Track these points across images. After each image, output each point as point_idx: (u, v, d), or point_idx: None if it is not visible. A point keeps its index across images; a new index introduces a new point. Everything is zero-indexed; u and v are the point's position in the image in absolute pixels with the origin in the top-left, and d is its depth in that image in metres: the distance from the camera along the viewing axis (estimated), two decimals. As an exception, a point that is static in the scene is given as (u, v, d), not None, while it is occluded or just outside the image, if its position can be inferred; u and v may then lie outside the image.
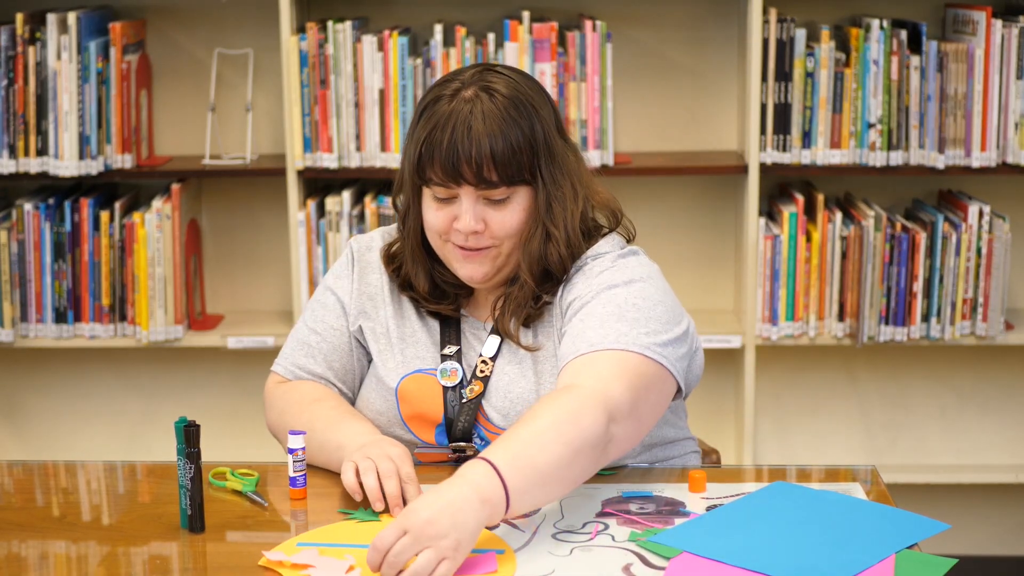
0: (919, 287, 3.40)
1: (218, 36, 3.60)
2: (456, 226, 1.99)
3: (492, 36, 3.36)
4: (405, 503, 1.84)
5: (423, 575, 1.62)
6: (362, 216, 3.44)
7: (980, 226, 3.38)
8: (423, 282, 2.08)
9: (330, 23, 3.37)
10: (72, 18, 3.33)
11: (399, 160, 2.17)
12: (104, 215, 3.45)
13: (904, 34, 3.32)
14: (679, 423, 2.17)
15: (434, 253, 2.08)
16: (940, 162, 3.35)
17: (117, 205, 3.47)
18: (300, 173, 3.43)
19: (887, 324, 3.41)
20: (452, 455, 2.05)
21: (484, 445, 2.03)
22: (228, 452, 3.34)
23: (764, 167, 3.39)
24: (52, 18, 3.34)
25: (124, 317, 3.48)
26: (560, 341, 2.01)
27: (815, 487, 1.93)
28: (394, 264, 2.12)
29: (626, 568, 1.70)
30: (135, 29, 3.50)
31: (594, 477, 1.92)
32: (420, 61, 3.38)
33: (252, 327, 3.59)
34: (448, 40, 3.39)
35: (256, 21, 3.58)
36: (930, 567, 1.68)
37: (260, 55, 3.56)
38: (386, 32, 3.36)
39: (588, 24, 3.34)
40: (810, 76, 3.35)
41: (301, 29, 3.39)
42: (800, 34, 3.34)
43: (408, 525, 1.64)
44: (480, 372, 2.05)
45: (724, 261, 3.66)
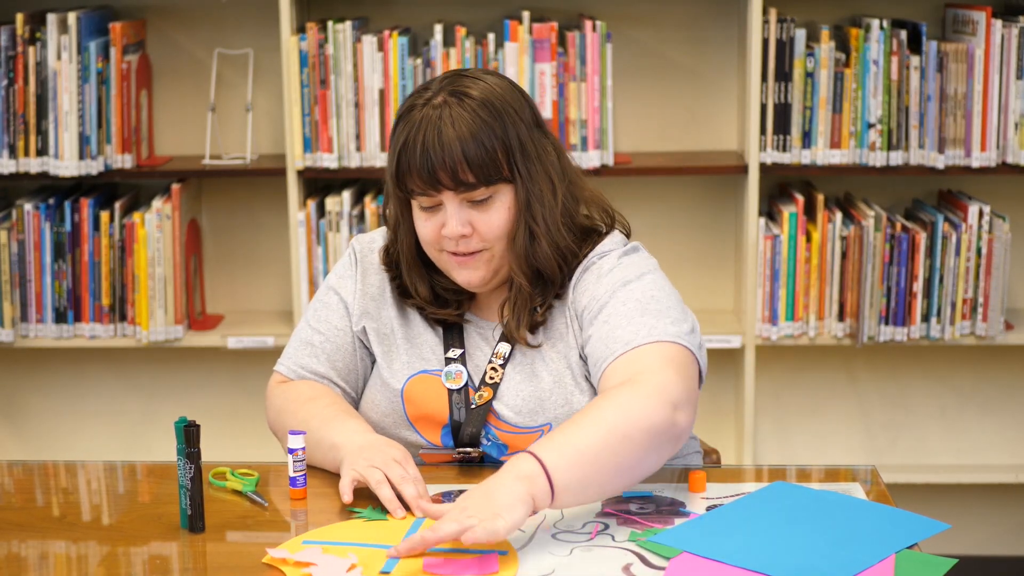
0: (919, 287, 3.40)
1: (218, 36, 3.60)
2: (443, 232, 2.00)
3: (492, 36, 3.36)
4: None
5: (467, 535, 1.66)
6: (362, 216, 3.44)
7: (980, 226, 3.37)
8: (424, 291, 2.09)
9: (330, 23, 3.37)
10: (72, 18, 3.33)
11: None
12: (104, 215, 3.45)
13: (904, 34, 3.32)
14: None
15: (431, 262, 2.08)
16: (940, 162, 3.35)
17: (117, 205, 3.47)
18: (300, 173, 3.43)
19: (887, 324, 3.41)
20: (457, 455, 2.06)
21: (492, 445, 2.04)
22: (228, 452, 3.34)
23: (764, 167, 3.39)
24: (52, 18, 3.34)
25: (124, 317, 3.48)
26: (581, 343, 2.02)
27: (815, 487, 1.93)
28: (393, 271, 2.13)
29: (626, 568, 1.70)
30: (135, 29, 3.50)
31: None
32: (420, 61, 3.38)
33: (252, 327, 3.59)
34: (448, 40, 3.39)
35: (256, 21, 3.58)
36: (930, 567, 1.68)
37: (260, 55, 3.56)
38: (386, 32, 3.36)
39: (588, 24, 3.34)
40: (810, 76, 3.35)
41: (301, 29, 3.39)
42: (800, 34, 3.34)
43: (450, 514, 1.70)
44: (490, 379, 2.06)
45: (724, 261, 3.66)
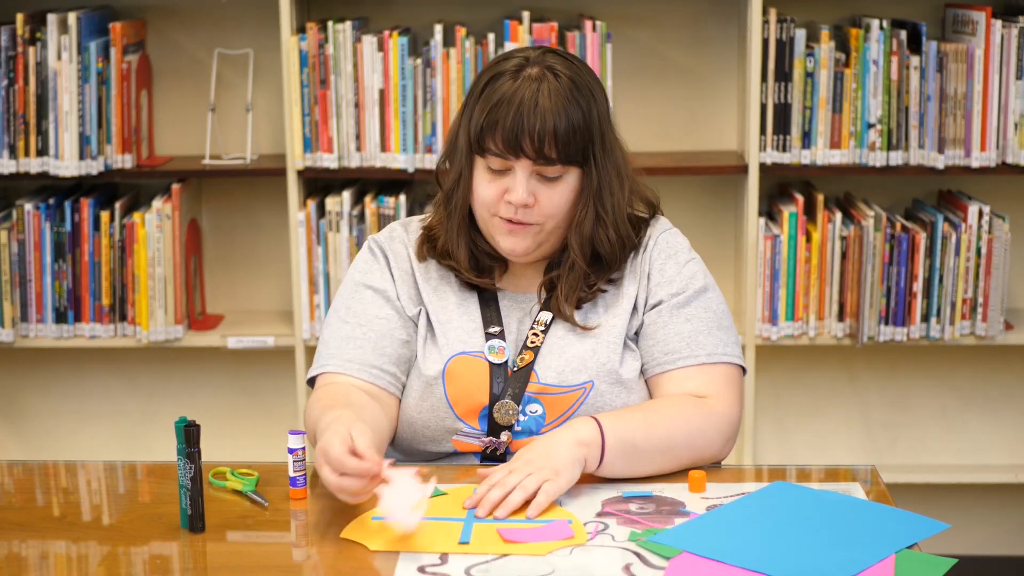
0: (919, 287, 3.40)
1: (218, 36, 3.60)
2: (508, 198, 2.03)
3: (492, 36, 3.36)
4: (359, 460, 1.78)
5: (528, 490, 1.81)
6: (362, 216, 3.44)
7: (980, 226, 3.37)
8: (463, 255, 2.11)
9: (330, 23, 3.37)
10: (72, 18, 3.33)
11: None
12: (104, 215, 3.45)
13: (904, 34, 3.32)
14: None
15: (475, 227, 2.11)
16: (940, 162, 3.35)
17: (117, 205, 3.47)
18: (300, 173, 3.43)
19: (887, 324, 3.41)
20: (485, 438, 2.06)
21: (529, 420, 2.05)
22: (228, 452, 3.35)
23: (764, 167, 3.39)
24: (52, 18, 3.34)
25: (124, 317, 3.48)
26: (643, 309, 2.11)
27: (815, 487, 1.93)
28: (431, 241, 2.14)
29: (626, 568, 1.70)
30: (135, 29, 3.50)
31: (593, 477, 1.94)
32: (420, 61, 3.38)
33: (252, 327, 3.59)
34: (448, 40, 3.39)
35: (256, 21, 3.58)
36: (930, 567, 1.68)
37: (260, 55, 3.56)
38: (386, 32, 3.36)
39: (588, 24, 3.34)
40: (810, 76, 3.35)
41: (301, 29, 3.39)
42: (800, 34, 3.34)
43: (512, 465, 1.86)
44: (531, 343, 2.08)
45: (724, 261, 3.66)
